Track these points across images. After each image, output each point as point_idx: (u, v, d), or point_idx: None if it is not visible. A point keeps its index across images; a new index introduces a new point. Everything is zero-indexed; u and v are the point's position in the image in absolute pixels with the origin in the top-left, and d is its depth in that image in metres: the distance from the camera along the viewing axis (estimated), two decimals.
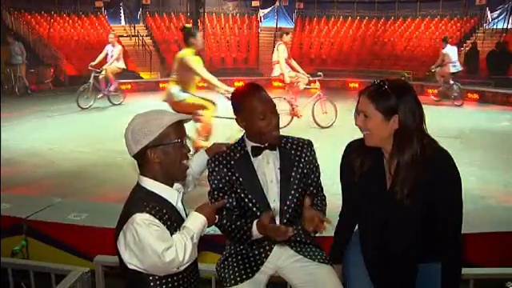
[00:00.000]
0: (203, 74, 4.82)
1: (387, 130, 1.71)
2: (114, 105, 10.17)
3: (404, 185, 1.70)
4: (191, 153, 1.76)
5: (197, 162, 2.05)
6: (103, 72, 9.74)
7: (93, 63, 9.75)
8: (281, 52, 7.63)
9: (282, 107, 7.40)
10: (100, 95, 9.90)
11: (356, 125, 1.79)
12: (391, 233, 1.79)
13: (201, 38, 5.18)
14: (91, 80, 9.65)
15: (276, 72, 7.80)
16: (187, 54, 4.82)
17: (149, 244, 1.47)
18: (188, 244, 1.55)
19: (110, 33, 10.94)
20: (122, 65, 10.06)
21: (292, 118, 7.70)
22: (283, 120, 7.53)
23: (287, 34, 8.12)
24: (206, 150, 2.12)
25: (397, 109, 1.67)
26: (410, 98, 1.70)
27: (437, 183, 1.69)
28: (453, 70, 10.14)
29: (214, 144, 2.13)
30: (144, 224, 1.48)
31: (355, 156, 1.84)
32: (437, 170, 1.69)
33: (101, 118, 8.89)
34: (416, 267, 1.82)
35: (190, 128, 5.07)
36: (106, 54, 9.92)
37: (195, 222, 1.63)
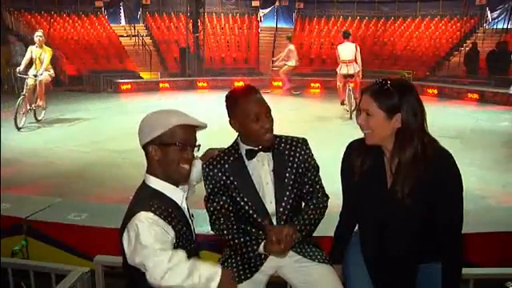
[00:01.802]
0: None
1: (389, 128, 1.71)
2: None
3: (405, 184, 1.70)
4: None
5: (193, 171, 2.03)
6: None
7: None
8: (358, 51, 8.55)
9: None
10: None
11: (357, 123, 1.79)
12: (391, 232, 1.79)
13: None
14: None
15: (356, 69, 8.61)
16: None
17: (147, 246, 1.46)
18: (184, 270, 1.45)
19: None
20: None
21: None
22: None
23: (350, 34, 9.08)
24: (200, 157, 2.12)
25: (399, 108, 1.68)
26: (413, 97, 1.70)
27: (438, 183, 1.69)
28: None
29: (209, 149, 2.12)
30: (147, 222, 1.48)
31: (356, 156, 1.84)
32: (438, 170, 1.69)
33: (100, 118, 8.89)
34: (416, 267, 1.82)
35: None
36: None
37: (209, 273, 1.50)
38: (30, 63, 7.81)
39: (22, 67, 7.73)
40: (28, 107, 7.80)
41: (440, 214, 1.72)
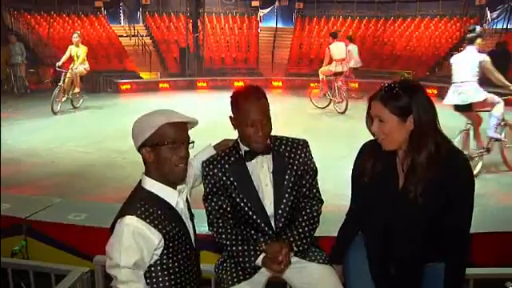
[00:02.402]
0: None
1: (404, 131, 1.69)
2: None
3: (418, 184, 1.69)
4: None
5: (204, 156, 2.03)
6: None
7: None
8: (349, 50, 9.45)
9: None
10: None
11: (370, 131, 1.78)
12: (400, 233, 1.78)
13: None
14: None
15: (347, 66, 9.51)
16: None
17: (116, 247, 1.49)
18: None
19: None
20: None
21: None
22: (339, 107, 9.07)
23: (338, 34, 9.93)
24: (214, 146, 2.13)
25: (410, 109, 1.67)
26: (421, 96, 1.69)
27: (450, 183, 1.68)
28: None
29: (224, 140, 2.14)
30: (127, 229, 1.49)
31: (368, 157, 1.83)
32: (451, 171, 1.69)
33: (100, 118, 8.89)
34: (422, 268, 1.81)
35: None
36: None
37: None
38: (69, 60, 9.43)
39: (60, 63, 9.31)
40: (66, 96, 9.36)
41: (449, 214, 1.72)
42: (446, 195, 1.70)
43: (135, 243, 1.49)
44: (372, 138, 1.83)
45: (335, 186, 2.30)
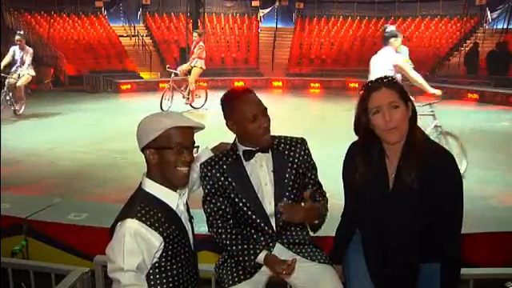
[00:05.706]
0: None
1: (407, 119, 1.73)
2: None
3: (409, 184, 1.70)
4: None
5: (201, 159, 2.02)
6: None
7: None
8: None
9: None
10: None
11: (366, 128, 1.76)
12: (393, 233, 1.79)
13: None
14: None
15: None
16: None
17: (118, 251, 1.48)
18: None
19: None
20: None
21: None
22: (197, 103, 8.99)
23: (200, 34, 10.29)
24: (211, 149, 2.13)
25: (408, 95, 1.72)
26: None
27: (438, 184, 1.69)
28: None
29: (221, 143, 2.14)
30: (128, 232, 1.48)
31: (357, 156, 1.83)
32: (439, 171, 1.69)
33: (100, 118, 8.89)
34: (418, 267, 1.82)
35: None
36: None
37: None
38: None
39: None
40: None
41: (440, 214, 1.72)
42: (435, 196, 1.70)
43: (137, 246, 1.48)
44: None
45: (335, 186, 2.29)
